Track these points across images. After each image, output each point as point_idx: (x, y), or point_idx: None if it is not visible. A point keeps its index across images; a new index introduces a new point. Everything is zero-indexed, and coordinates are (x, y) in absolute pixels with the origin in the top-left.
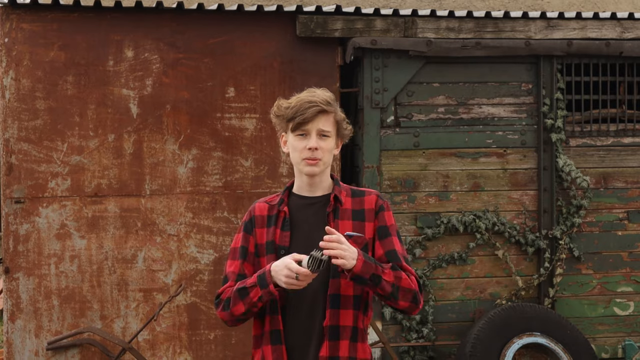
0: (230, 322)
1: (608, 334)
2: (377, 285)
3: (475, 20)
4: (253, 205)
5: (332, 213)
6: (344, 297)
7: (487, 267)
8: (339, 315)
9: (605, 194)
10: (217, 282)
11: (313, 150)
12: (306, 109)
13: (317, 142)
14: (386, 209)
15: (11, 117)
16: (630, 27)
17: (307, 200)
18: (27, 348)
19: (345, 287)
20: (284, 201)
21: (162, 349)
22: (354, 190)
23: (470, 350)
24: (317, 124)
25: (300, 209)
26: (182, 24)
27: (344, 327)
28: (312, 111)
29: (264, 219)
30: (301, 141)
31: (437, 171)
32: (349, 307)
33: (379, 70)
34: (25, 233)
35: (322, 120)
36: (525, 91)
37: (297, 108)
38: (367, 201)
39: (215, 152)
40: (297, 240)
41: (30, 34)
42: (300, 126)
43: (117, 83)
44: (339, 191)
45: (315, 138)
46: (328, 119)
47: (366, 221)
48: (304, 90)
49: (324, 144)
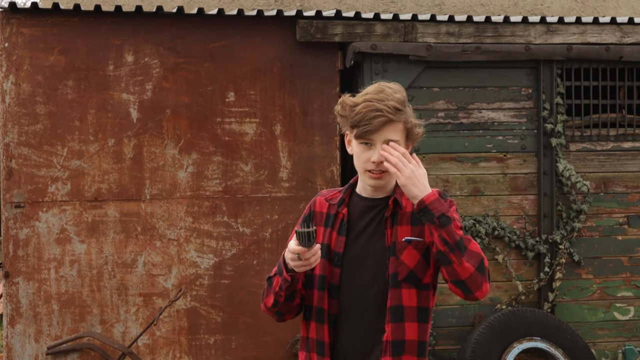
0: (270, 313)
1: (608, 338)
2: (443, 227)
3: (475, 25)
4: (314, 198)
5: (390, 218)
6: (407, 308)
7: None
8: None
9: (605, 198)
10: (217, 287)
11: (377, 163)
12: (371, 119)
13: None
14: (449, 205)
15: (11, 121)
16: (630, 32)
17: (368, 202)
18: (26, 353)
19: (407, 297)
20: (344, 201)
21: (162, 353)
22: None
23: (471, 355)
24: (384, 135)
25: (360, 212)
26: (182, 28)
27: (409, 342)
28: (378, 122)
29: (322, 216)
30: (365, 151)
31: (437, 176)
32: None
33: (379, 75)
34: (25, 237)
35: (389, 129)
36: (525, 96)
37: (362, 115)
38: None
39: (215, 157)
40: (352, 245)
41: (30, 38)
42: (364, 135)
43: (117, 87)
44: (400, 194)
45: (381, 150)
46: (396, 127)
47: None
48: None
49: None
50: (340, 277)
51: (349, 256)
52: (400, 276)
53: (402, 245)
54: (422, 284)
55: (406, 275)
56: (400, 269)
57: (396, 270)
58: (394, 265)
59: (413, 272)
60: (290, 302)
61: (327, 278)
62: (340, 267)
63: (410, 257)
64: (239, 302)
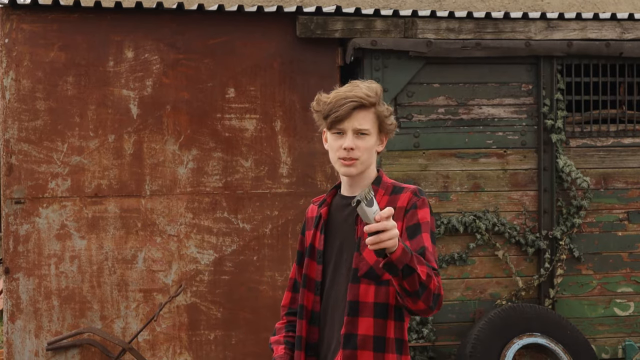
0: None
1: (608, 334)
2: (405, 278)
3: (475, 21)
4: (308, 206)
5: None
6: (362, 304)
7: (487, 268)
8: (357, 324)
9: (606, 194)
10: (217, 283)
11: (348, 150)
12: (340, 106)
13: (354, 141)
14: (419, 206)
15: (11, 117)
16: (630, 28)
17: (345, 201)
18: (27, 348)
19: (364, 293)
20: (325, 201)
21: (162, 349)
22: (394, 188)
23: (471, 351)
24: (354, 122)
25: (339, 210)
26: (182, 24)
27: (363, 337)
28: (346, 107)
29: (312, 220)
30: (337, 140)
31: (437, 172)
32: (369, 314)
33: (379, 71)
34: (25, 233)
35: (359, 117)
36: (525, 92)
37: (332, 104)
38: (401, 199)
39: (215, 153)
40: (332, 243)
41: (30, 34)
42: (335, 124)
43: (117, 84)
44: (375, 190)
45: (352, 137)
46: (367, 115)
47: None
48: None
49: (362, 142)
50: (322, 274)
51: (329, 254)
52: (360, 272)
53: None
54: (382, 280)
55: (366, 271)
56: (361, 265)
57: (357, 265)
58: (356, 261)
59: (372, 268)
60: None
61: (311, 276)
62: (322, 265)
63: (371, 253)
64: (239, 298)
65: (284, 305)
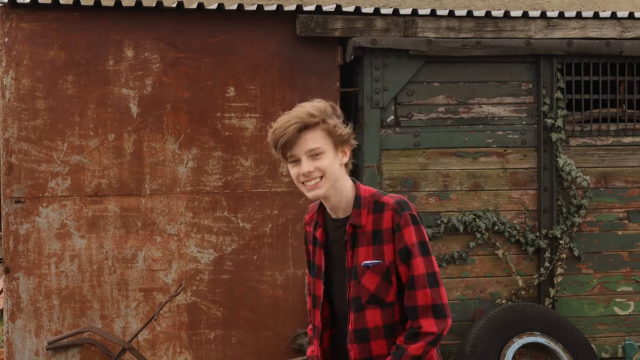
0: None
1: (608, 333)
2: None
3: (475, 20)
4: (304, 216)
5: (349, 242)
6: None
7: (487, 267)
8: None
9: (606, 193)
10: (217, 282)
11: (306, 174)
12: (286, 129)
13: (310, 164)
14: (403, 226)
15: (11, 116)
16: (630, 27)
17: (333, 223)
18: (27, 348)
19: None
20: (318, 223)
21: (162, 348)
22: (376, 203)
23: (471, 350)
24: (303, 145)
25: (331, 232)
26: (182, 23)
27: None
28: (292, 129)
29: (311, 235)
30: (294, 168)
31: (437, 171)
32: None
33: (379, 70)
34: (26, 233)
35: (307, 138)
36: (525, 91)
37: (279, 131)
38: (385, 219)
39: (215, 152)
40: (331, 263)
41: (30, 33)
42: (286, 151)
43: (117, 82)
44: (357, 214)
45: (307, 161)
46: (315, 134)
47: (384, 243)
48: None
49: (320, 162)
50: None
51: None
52: (364, 300)
53: (362, 269)
54: (386, 303)
55: (369, 298)
56: (362, 293)
57: (359, 294)
58: (356, 289)
59: (375, 294)
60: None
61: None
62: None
63: (370, 280)
64: (239, 297)
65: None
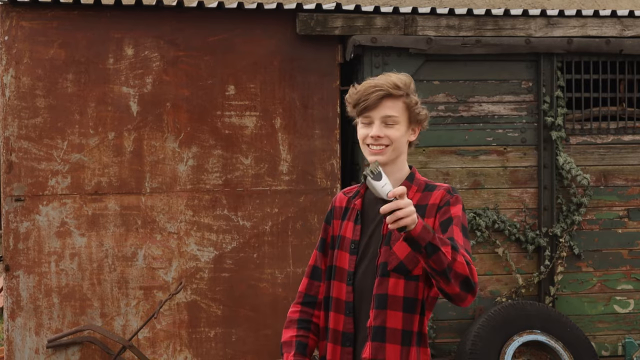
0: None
1: (608, 331)
2: (430, 257)
3: (475, 18)
4: (336, 195)
5: None
6: (391, 297)
7: (487, 265)
8: (386, 317)
9: (606, 191)
10: (217, 280)
11: (375, 138)
12: (369, 94)
13: (382, 129)
14: (452, 203)
15: (11, 115)
16: (630, 25)
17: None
18: (27, 346)
19: (393, 287)
20: (359, 193)
21: (162, 346)
22: (427, 185)
23: (471, 348)
24: (382, 111)
25: (371, 203)
26: (182, 21)
27: (392, 330)
28: (375, 96)
29: (341, 210)
30: (365, 129)
31: (437, 169)
32: (398, 308)
33: (379, 68)
34: (26, 231)
35: (387, 106)
36: (525, 89)
37: (362, 93)
38: (434, 196)
39: (215, 150)
40: (365, 234)
41: (30, 31)
42: (363, 112)
43: (117, 81)
44: (408, 186)
45: (380, 125)
46: (395, 104)
47: (426, 217)
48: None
49: (391, 131)
50: (355, 265)
51: (363, 244)
52: (390, 266)
53: (396, 236)
54: (412, 275)
55: (396, 266)
56: (390, 259)
57: (387, 259)
58: (385, 255)
59: (403, 262)
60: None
61: (342, 267)
62: (357, 255)
63: (402, 248)
64: (240, 296)
65: (301, 291)
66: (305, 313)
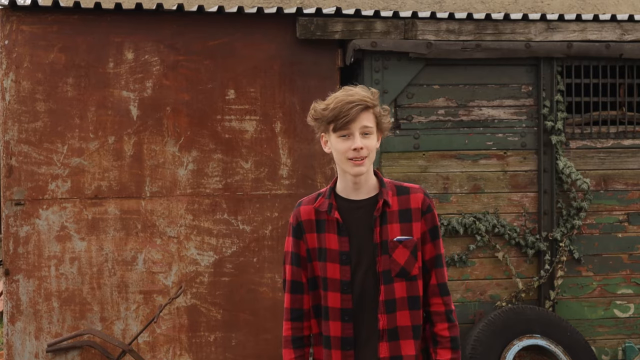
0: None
1: (608, 336)
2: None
3: (475, 23)
4: (298, 208)
5: (379, 218)
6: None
7: (487, 269)
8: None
9: (606, 196)
10: (217, 284)
11: (358, 150)
12: (349, 110)
13: (361, 141)
14: (433, 208)
15: (11, 119)
16: (630, 29)
17: (354, 204)
18: (27, 350)
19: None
20: (333, 206)
21: (162, 351)
22: (398, 188)
23: (471, 352)
24: (360, 122)
25: (348, 213)
26: (182, 26)
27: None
28: (355, 111)
29: (312, 224)
30: (344, 142)
31: (437, 173)
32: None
33: (379, 72)
34: (25, 235)
35: (364, 117)
36: (525, 93)
37: (338, 109)
38: (413, 200)
39: (215, 154)
40: (353, 245)
41: (30, 36)
42: (343, 127)
43: (117, 85)
44: (386, 193)
45: (359, 137)
46: (369, 116)
47: (413, 221)
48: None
49: (368, 141)
50: (350, 274)
51: (354, 254)
52: (393, 273)
53: (393, 244)
54: (411, 276)
55: (398, 271)
56: (392, 266)
57: (389, 267)
58: (386, 263)
59: (404, 268)
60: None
61: (334, 278)
62: (349, 264)
63: (401, 255)
64: (239, 300)
65: (286, 307)
66: (297, 329)
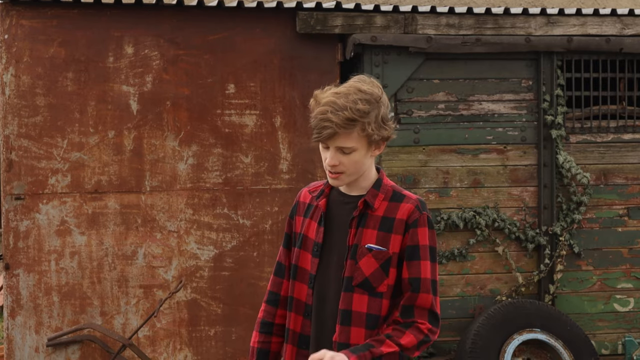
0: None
1: (608, 330)
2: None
3: (475, 17)
4: (302, 189)
5: (357, 218)
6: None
7: (487, 264)
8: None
9: (606, 190)
10: (217, 279)
11: (332, 166)
12: (321, 129)
13: (337, 157)
14: (421, 224)
15: (11, 113)
16: (630, 24)
17: (342, 198)
18: (27, 344)
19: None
20: (323, 192)
21: (162, 345)
22: (394, 193)
23: (471, 347)
24: (335, 143)
25: (335, 206)
26: (182, 20)
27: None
28: (326, 134)
29: (304, 207)
30: (324, 152)
31: (437, 167)
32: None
33: (379, 67)
34: (26, 229)
35: (340, 139)
36: (525, 87)
37: (315, 122)
38: (402, 209)
39: (215, 149)
40: (328, 238)
41: (30, 30)
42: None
43: (117, 79)
44: (374, 194)
45: (334, 154)
46: (349, 136)
47: (393, 233)
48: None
49: (346, 158)
50: (317, 268)
51: (325, 248)
52: (355, 281)
53: (362, 250)
54: (376, 292)
55: (361, 282)
56: (356, 274)
57: (352, 274)
58: (351, 269)
59: (368, 279)
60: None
61: (304, 267)
62: (319, 258)
63: (368, 264)
64: (239, 294)
65: (268, 289)
66: (268, 313)
